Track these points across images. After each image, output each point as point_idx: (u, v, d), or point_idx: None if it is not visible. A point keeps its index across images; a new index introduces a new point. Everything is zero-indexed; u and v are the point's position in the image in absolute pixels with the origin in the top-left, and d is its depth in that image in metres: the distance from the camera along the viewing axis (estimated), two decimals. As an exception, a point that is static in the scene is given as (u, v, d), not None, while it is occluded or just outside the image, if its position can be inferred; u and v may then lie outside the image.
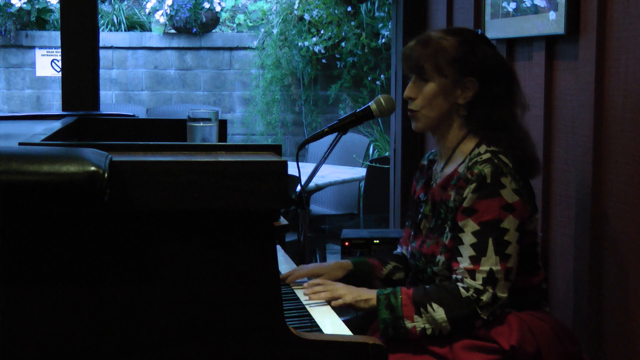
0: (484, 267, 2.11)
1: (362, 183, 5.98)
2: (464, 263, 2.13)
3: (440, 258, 2.20)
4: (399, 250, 2.54)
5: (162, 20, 8.12)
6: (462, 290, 2.11)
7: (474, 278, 2.11)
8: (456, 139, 2.28)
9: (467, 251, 2.13)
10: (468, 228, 2.14)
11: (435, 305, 2.10)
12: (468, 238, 2.14)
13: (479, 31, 2.38)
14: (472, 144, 2.25)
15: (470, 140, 2.27)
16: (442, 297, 2.11)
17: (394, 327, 2.12)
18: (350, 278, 2.39)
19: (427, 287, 2.17)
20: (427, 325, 2.11)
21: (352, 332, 1.94)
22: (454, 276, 2.15)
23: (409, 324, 2.11)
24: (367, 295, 2.17)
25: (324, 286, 2.18)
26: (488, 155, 2.18)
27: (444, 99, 2.24)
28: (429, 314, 2.10)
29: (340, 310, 2.16)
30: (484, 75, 2.23)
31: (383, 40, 7.55)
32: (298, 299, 2.21)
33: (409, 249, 2.39)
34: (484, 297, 2.10)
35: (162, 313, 1.65)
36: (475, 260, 2.12)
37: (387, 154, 6.83)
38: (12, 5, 8.00)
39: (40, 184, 1.49)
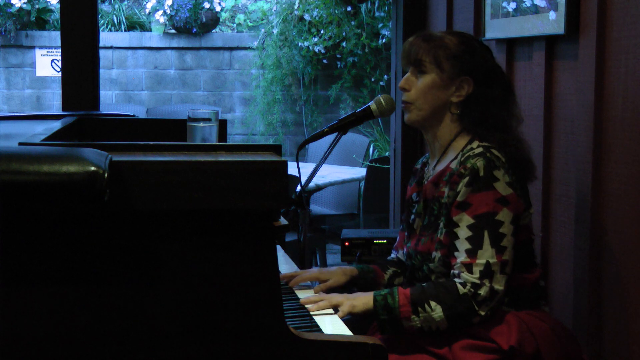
0: (481, 260, 2.11)
1: (362, 183, 5.98)
2: (461, 257, 2.13)
3: (436, 254, 2.20)
4: (393, 255, 2.54)
5: (162, 20, 8.12)
6: (459, 286, 2.11)
7: (471, 272, 2.11)
8: (449, 137, 2.29)
9: (463, 245, 2.13)
10: (463, 222, 2.14)
11: (433, 304, 2.10)
12: (463, 232, 2.14)
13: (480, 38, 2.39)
14: (465, 140, 2.26)
15: (463, 138, 2.27)
16: (440, 295, 2.11)
17: (392, 327, 2.14)
18: (355, 284, 2.39)
19: (424, 285, 2.17)
20: (424, 325, 2.11)
21: (352, 332, 1.94)
22: (452, 272, 2.16)
23: (406, 324, 2.12)
24: (364, 299, 2.16)
25: (318, 296, 2.17)
26: (480, 149, 2.19)
27: (438, 93, 2.25)
28: (426, 313, 2.10)
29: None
30: (480, 76, 2.24)
31: (383, 40, 7.55)
32: (298, 299, 2.21)
33: (405, 250, 2.39)
34: (482, 292, 2.10)
35: (162, 313, 1.65)
36: (472, 253, 2.12)
37: (387, 154, 6.83)
38: (12, 5, 8.00)
39: (40, 184, 1.49)
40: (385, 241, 3.19)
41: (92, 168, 1.50)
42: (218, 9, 8.14)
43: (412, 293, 2.13)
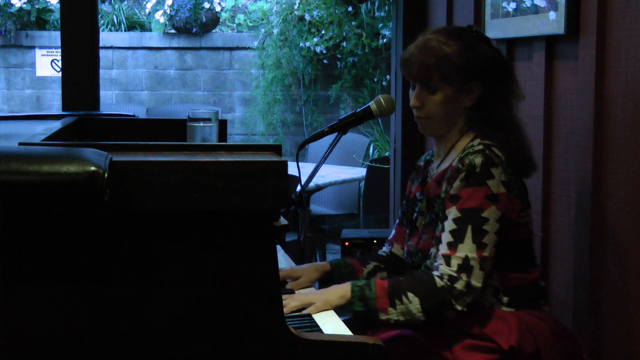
0: (460, 254, 2.11)
1: (362, 183, 5.98)
2: (442, 249, 2.14)
3: (433, 251, 2.20)
4: (385, 248, 2.53)
5: (162, 20, 8.12)
6: (436, 279, 2.11)
7: (449, 264, 2.11)
8: (455, 137, 2.29)
9: (446, 237, 2.14)
10: (450, 215, 2.15)
11: (410, 295, 2.10)
12: (448, 224, 2.15)
13: (474, 27, 2.34)
14: (469, 139, 2.27)
15: (467, 137, 2.28)
16: (418, 287, 2.10)
17: (367, 319, 2.12)
18: (330, 279, 2.38)
19: (401, 278, 2.17)
20: (400, 318, 2.10)
21: (352, 332, 1.94)
22: (432, 263, 2.16)
23: (382, 317, 2.11)
24: (340, 291, 2.15)
25: (291, 297, 2.14)
26: (481, 147, 2.19)
27: (452, 105, 2.25)
28: (404, 305, 2.09)
29: (339, 310, 2.16)
30: (486, 76, 2.24)
31: (383, 40, 7.55)
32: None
33: (406, 248, 2.39)
34: (458, 285, 2.09)
35: (162, 313, 1.65)
36: (452, 246, 2.12)
37: (387, 154, 6.83)
38: (12, 5, 8.00)
39: (40, 184, 1.49)
40: (385, 241, 3.18)
41: (92, 168, 1.50)
42: (218, 9, 8.14)
43: (389, 285, 2.12)
